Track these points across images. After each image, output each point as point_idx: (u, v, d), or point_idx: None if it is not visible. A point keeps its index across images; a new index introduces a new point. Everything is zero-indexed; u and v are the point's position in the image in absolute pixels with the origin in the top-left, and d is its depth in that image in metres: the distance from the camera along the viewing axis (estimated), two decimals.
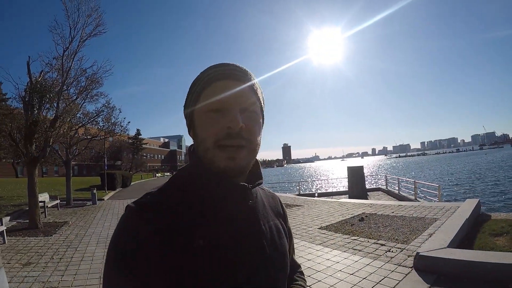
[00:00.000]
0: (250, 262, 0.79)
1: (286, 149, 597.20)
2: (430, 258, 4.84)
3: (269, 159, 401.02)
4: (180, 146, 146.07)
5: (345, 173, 18.49)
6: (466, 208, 8.15)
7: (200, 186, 0.81)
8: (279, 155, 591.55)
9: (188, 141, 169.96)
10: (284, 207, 1.08)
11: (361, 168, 17.36)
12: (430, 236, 6.31)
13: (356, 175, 16.94)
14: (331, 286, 4.46)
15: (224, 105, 0.79)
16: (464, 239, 6.25)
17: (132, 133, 69.78)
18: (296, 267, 1.12)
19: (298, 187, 21.70)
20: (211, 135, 0.78)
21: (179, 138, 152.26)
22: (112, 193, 24.04)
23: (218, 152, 0.77)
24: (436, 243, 5.49)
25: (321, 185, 34.53)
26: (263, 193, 1.01)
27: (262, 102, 0.90)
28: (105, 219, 11.75)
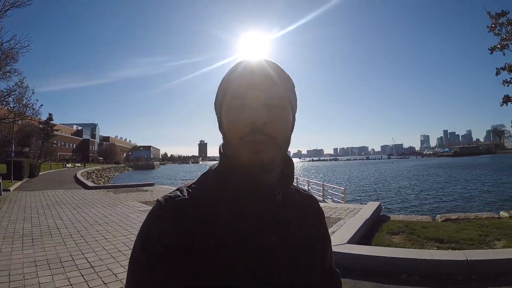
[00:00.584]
0: (269, 268, 0.78)
1: (203, 146, 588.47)
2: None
3: (185, 155, 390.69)
4: (93, 136, 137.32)
5: None
6: (368, 209, 9.14)
7: (227, 186, 0.81)
8: (195, 151, 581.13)
9: (102, 130, 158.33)
10: (322, 209, 1.06)
11: None
12: (332, 234, 6.87)
13: None
14: None
15: (248, 100, 0.78)
16: (364, 236, 7.02)
17: (44, 117, 63.76)
18: (334, 274, 1.08)
19: None
20: (236, 131, 0.79)
21: (93, 127, 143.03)
22: (18, 183, 22.57)
23: (242, 147, 0.77)
24: (337, 239, 6.14)
25: None
26: (298, 195, 0.98)
27: (292, 98, 0.88)
28: (12, 212, 11.22)
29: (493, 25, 7.78)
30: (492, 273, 4.90)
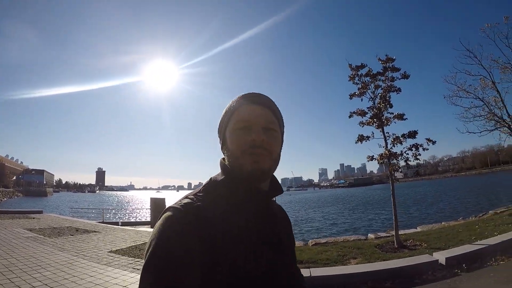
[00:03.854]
0: (273, 261, 0.96)
1: (100, 174, 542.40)
2: None
3: (81, 183, 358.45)
4: None
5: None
6: None
7: (231, 193, 0.98)
8: (92, 179, 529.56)
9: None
10: (288, 217, 1.31)
11: (163, 199, 18.63)
12: None
13: (158, 206, 17.76)
14: None
15: (249, 123, 1.01)
16: None
17: None
18: (300, 271, 1.31)
19: (102, 215, 22.19)
20: (239, 146, 1.00)
21: None
22: None
23: (245, 158, 0.98)
24: None
25: (129, 214, 34.27)
26: (275, 204, 1.24)
27: (281, 123, 1.13)
28: None
29: (352, 76, 9.21)
30: (335, 286, 5.85)
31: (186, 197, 0.95)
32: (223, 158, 1.09)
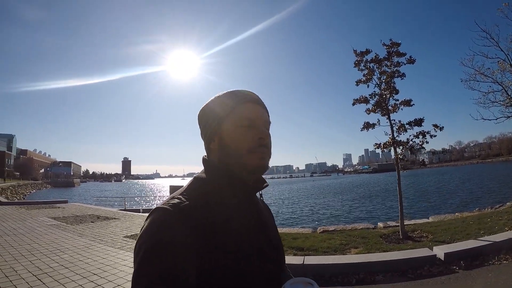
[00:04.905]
0: (263, 252, 0.99)
1: (126, 164, 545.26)
2: None
3: (107, 173, 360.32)
4: (10, 148, 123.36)
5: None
6: None
7: (220, 189, 0.99)
8: (118, 169, 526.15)
9: (19, 142, 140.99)
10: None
11: (182, 187, 18.70)
12: None
13: None
14: (118, 276, 5.73)
15: (255, 122, 1.04)
16: None
17: None
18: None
19: (124, 203, 22.85)
20: (245, 144, 1.00)
21: (9, 138, 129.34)
22: None
23: (251, 155, 1.00)
24: None
25: (152, 201, 34.73)
26: (257, 197, 1.21)
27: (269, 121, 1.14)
28: None
29: (357, 62, 8.98)
30: (327, 275, 5.83)
31: (173, 197, 0.94)
32: (205, 156, 1.11)
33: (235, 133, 1.02)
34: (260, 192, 1.16)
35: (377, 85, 9.01)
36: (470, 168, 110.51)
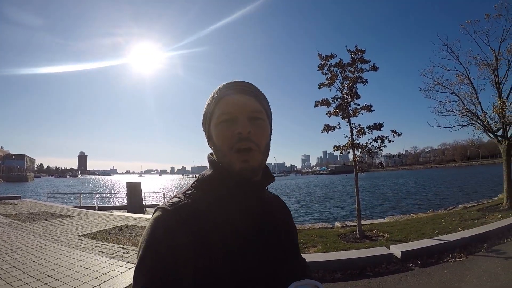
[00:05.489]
0: (263, 253, 0.93)
1: (82, 158, 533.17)
2: None
3: (62, 167, 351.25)
4: None
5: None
6: None
7: (221, 187, 0.95)
8: (74, 163, 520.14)
9: None
10: (287, 206, 1.25)
11: (139, 184, 18.55)
12: None
13: (134, 190, 17.95)
14: (73, 277, 5.47)
15: (233, 115, 0.95)
16: None
17: None
18: (303, 261, 1.26)
19: (79, 200, 21.98)
20: (225, 141, 0.94)
21: None
22: None
23: (234, 156, 0.92)
24: None
25: (107, 198, 34.09)
26: (268, 193, 1.18)
27: (268, 111, 1.06)
28: None
29: (321, 66, 9.13)
30: None
31: (175, 196, 0.93)
32: (211, 153, 1.05)
33: (217, 130, 0.97)
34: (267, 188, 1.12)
35: (339, 89, 9.20)
36: (425, 172, 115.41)
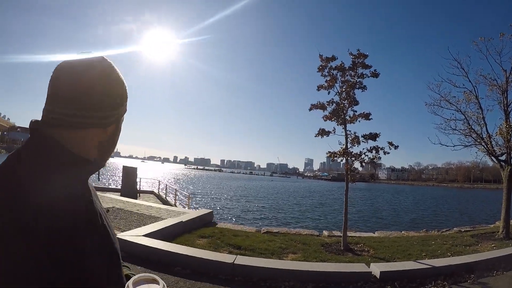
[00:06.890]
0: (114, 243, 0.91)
1: None
2: (122, 241, 6.29)
3: None
4: None
5: (140, 174, 19.91)
6: (194, 214, 10.15)
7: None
8: None
9: None
10: None
11: (135, 169, 18.52)
12: (139, 227, 7.92)
13: (129, 175, 17.96)
14: None
15: None
16: (174, 235, 7.85)
17: None
18: None
19: None
20: None
21: None
22: None
23: None
24: (136, 232, 7.13)
25: (105, 181, 35.05)
26: None
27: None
28: None
29: (321, 67, 8.84)
30: (255, 278, 5.75)
31: None
32: None
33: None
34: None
35: (337, 93, 8.92)
36: (426, 189, 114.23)
